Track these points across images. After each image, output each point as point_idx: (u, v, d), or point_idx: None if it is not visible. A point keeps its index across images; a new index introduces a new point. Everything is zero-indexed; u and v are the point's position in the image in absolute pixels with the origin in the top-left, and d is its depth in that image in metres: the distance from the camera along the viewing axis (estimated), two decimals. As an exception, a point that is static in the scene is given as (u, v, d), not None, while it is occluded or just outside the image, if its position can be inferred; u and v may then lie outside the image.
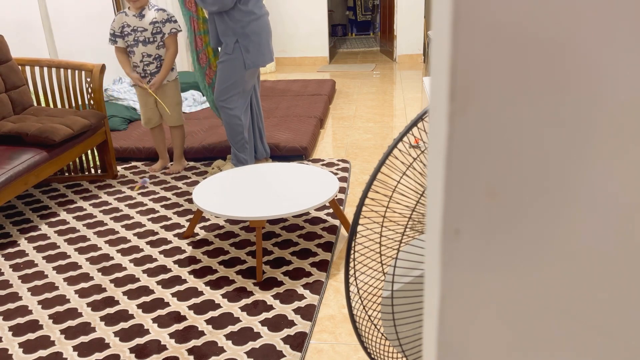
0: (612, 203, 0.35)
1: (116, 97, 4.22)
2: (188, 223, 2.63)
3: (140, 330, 1.86)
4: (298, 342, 1.77)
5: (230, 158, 3.31)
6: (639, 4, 0.30)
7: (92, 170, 3.32)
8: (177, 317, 1.92)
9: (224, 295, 2.04)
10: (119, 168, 3.44)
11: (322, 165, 3.33)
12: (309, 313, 1.92)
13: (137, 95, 3.22)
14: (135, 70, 3.11)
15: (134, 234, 2.57)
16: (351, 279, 1.76)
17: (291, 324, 1.86)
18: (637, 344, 0.38)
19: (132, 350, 1.76)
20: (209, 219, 2.69)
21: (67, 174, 3.29)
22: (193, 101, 4.56)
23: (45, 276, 2.23)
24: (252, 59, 2.86)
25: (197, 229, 2.59)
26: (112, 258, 2.36)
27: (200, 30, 3.04)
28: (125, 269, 2.27)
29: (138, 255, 2.37)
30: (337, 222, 2.60)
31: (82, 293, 2.10)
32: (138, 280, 2.18)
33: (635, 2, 0.30)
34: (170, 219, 2.72)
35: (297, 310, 1.93)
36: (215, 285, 2.12)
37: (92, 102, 3.12)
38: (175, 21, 3.10)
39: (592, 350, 0.38)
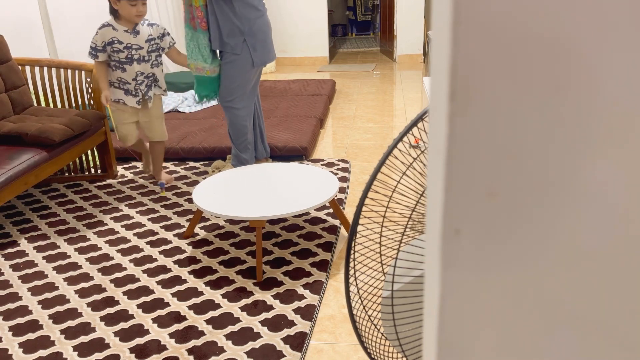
0: (613, 203, 0.35)
1: (116, 97, 4.22)
2: (188, 223, 2.63)
3: (140, 330, 1.86)
4: (298, 342, 1.77)
5: (230, 158, 3.30)
6: (639, 4, 0.30)
7: (92, 170, 3.32)
8: (177, 317, 1.92)
9: (224, 295, 2.04)
10: (119, 168, 3.44)
11: (322, 165, 3.33)
12: (309, 313, 1.92)
13: (113, 112, 2.97)
14: (123, 87, 2.90)
15: (134, 234, 2.57)
16: (351, 279, 1.76)
17: (291, 324, 1.86)
18: (638, 344, 0.38)
19: (132, 350, 1.76)
20: (209, 219, 2.69)
21: (67, 174, 3.29)
22: (193, 101, 4.56)
23: (45, 276, 2.23)
24: (260, 57, 2.87)
25: (197, 229, 2.59)
26: (112, 258, 2.36)
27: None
28: (125, 269, 2.27)
29: (138, 255, 2.37)
30: (337, 222, 2.60)
31: (82, 293, 2.10)
32: (138, 280, 2.18)
33: (635, 2, 0.30)
34: (170, 219, 2.72)
35: (297, 310, 1.93)
36: (215, 285, 2.12)
37: (92, 102, 3.12)
38: (169, 33, 2.99)
39: (592, 350, 0.38)
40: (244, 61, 2.85)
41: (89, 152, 3.28)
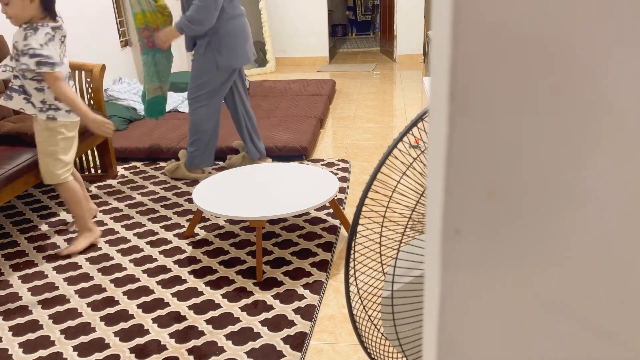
0: (612, 203, 0.35)
1: (116, 97, 4.22)
2: (188, 223, 2.63)
3: (140, 330, 1.87)
4: (298, 342, 1.77)
5: (183, 154, 3.27)
6: (639, 4, 0.30)
7: (92, 170, 3.32)
8: (177, 317, 1.92)
9: (224, 295, 2.04)
10: (119, 168, 3.44)
11: (322, 165, 3.33)
12: (309, 313, 1.92)
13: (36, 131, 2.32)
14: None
15: (134, 234, 2.57)
16: (351, 279, 1.76)
17: (291, 324, 1.86)
18: (638, 343, 0.38)
19: (132, 350, 1.76)
20: (209, 219, 2.69)
21: (67, 174, 3.29)
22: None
23: (45, 276, 2.23)
24: (226, 60, 2.83)
25: (197, 229, 2.59)
26: (112, 258, 2.36)
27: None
28: (125, 269, 2.27)
29: (138, 255, 2.37)
30: (337, 222, 2.60)
31: (82, 293, 2.10)
32: (138, 280, 2.18)
33: (635, 3, 0.30)
34: (170, 219, 2.72)
35: (297, 310, 1.93)
36: (215, 285, 2.12)
37: (92, 102, 3.12)
38: (36, 55, 2.07)
39: (592, 350, 0.38)
40: (208, 62, 2.84)
41: (89, 152, 3.28)
